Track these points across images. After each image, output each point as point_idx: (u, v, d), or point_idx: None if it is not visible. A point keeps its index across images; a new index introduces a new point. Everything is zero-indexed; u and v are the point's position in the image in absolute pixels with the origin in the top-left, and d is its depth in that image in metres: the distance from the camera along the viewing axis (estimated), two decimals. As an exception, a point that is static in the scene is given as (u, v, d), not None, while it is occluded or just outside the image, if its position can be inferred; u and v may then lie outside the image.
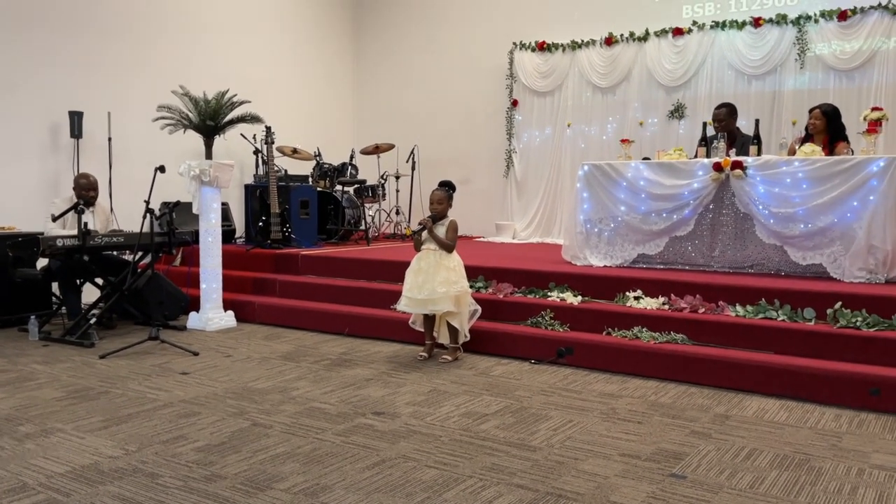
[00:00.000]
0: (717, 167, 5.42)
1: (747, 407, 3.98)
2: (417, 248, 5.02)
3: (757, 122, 5.91)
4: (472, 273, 5.66)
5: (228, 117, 6.15)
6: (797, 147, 5.61)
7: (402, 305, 5.01)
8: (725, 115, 6.15)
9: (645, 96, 8.32)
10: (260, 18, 9.12)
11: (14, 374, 4.59)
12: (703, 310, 4.86)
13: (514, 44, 9.09)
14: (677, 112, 8.09)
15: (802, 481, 2.96)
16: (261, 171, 8.19)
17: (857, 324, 4.33)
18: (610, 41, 8.46)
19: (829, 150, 5.53)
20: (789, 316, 4.59)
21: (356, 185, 8.52)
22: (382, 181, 8.84)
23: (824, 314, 4.51)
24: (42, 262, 6.01)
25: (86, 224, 5.56)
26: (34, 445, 3.32)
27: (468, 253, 6.25)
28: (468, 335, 5.03)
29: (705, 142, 5.88)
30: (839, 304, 4.48)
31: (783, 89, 7.53)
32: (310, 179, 8.36)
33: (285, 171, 8.10)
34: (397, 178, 9.22)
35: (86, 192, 5.93)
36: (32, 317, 5.69)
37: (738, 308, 4.78)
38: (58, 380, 4.46)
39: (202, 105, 6.02)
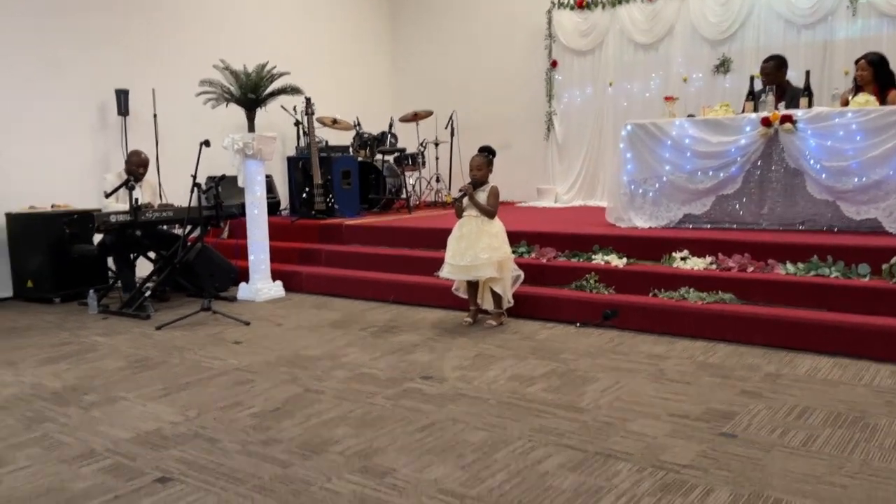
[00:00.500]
0: (766, 122, 5.27)
1: (799, 365, 3.92)
2: (459, 215, 5.03)
3: (807, 73, 5.72)
4: (515, 238, 5.65)
5: (269, 89, 6.21)
6: (850, 98, 5.41)
7: (444, 272, 5.05)
8: (773, 68, 5.95)
9: (689, 51, 8.08)
10: (296, -11, 9.11)
11: (77, 346, 4.78)
12: (751, 269, 4.78)
13: (553, 3, 8.90)
14: (723, 66, 7.85)
15: (857, 438, 2.92)
16: (302, 143, 8.26)
17: (915, 279, 4.21)
18: (651, -4, 8.22)
19: (881, 99, 5.32)
20: (843, 272, 4.48)
21: (396, 154, 8.53)
22: (422, 149, 8.83)
23: (879, 270, 4.40)
24: (97, 238, 6.20)
25: (137, 199, 5.71)
26: (100, 413, 3.47)
27: (510, 218, 6.22)
28: (512, 301, 5.05)
29: (753, 96, 5.71)
30: (895, 259, 4.36)
31: (835, 38, 7.23)
32: (350, 149, 8.40)
33: (326, 141, 8.15)
34: (436, 145, 9.19)
35: (136, 168, 6.08)
36: (91, 291, 5.90)
37: (789, 266, 4.68)
38: (118, 350, 4.63)
39: (243, 78, 6.08)
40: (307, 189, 7.50)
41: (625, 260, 5.25)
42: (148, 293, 5.67)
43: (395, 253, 6.35)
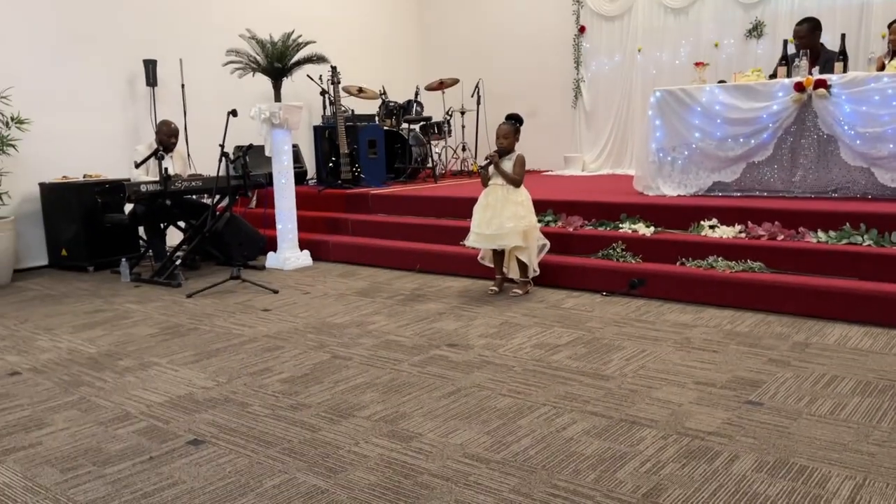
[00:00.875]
0: (799, 87, 5.15)
1: (828, 334, 3.88)
2: (485, 184, 5.02)
3: (843, 36, 5.55)
4: (541, 207, 5.63)
5: (295, 58, 6.20)
6: (886, 62, 5.26)
7: (470, 241, 5.05)
8: (807, 30, 5.78)
9: (720, 16, 7.89)
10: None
11: (111, 314, 4.89)
12: (781, 237, 4.72)
13: (581, -33, 8.74)
14: (755, 31, 7.66)
15: (886, 407, 2.90)
16: (328, 113, 8.27)
17: (950, 247, 4.12)
18: (682, -42, 8.01)
19: (921, 63, 5.16)
20: (876, 241, 4.39)
21: (422, 123, 8.50)
22: (448, 117, 8.78)
23: (914, 238, 4.31)
24: (128, 208, 6.30)
25: (166, 169, 5.78)
26: (134, 378, 3.57)
27: (536, 187, 6.20)
28: (537, 269, 5.04)
29: (786, 61, 5.57)
30: (931, 227, 4.27)
31: (871, 0, 7.00)
32: (376, 118, 8.39)
33: (352, 111, 8.14)
34: (463, 113, 9.13)
35: (167, 138, 6.14)
36: (123, 259, 6.01)
37: (820, 234, 4.61)
38: (150, 318, 4.74)
39: (269, 47, 6.08)
40: (333, 158, 7.53)
41: (652, 229, 5.21)
42: (178, 262, 5.76)
43: (421, 222, 6.37)
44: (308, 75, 7.62)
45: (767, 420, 2.81)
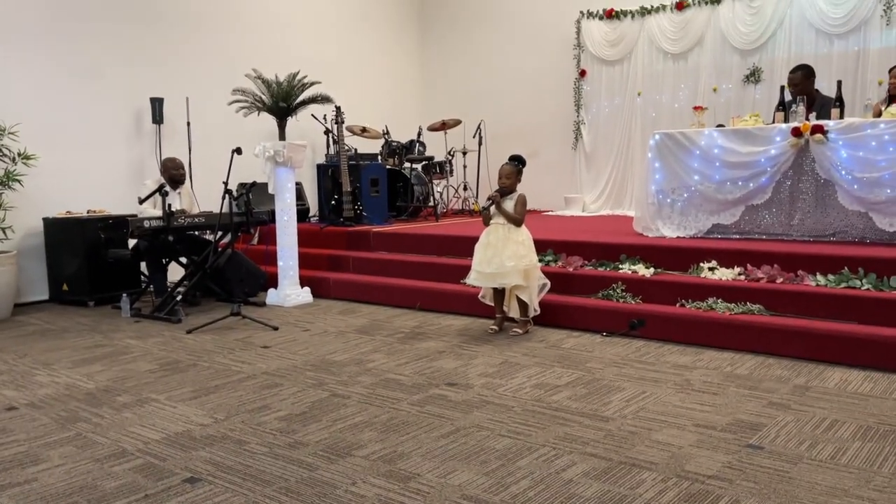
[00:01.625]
0: (796, 132, 5.22)
1: (829, 378, 3.87)
2: (486, 223, 5.06)
3: (839, 83, 5.65)
4: (542, 246, 5.66)
5: (300, 98, 6.30)
6: (882, 108, 5.34)
7: (471, 279, 5.07)
8: (801, 78, 5.89)
9: (718, 61, 8.05)
10: (327, 3, 9.24)
11: (110, 349, 4.89)
12: (781, 280, 4.73)
13: (581, 13, 8.93)
14: (753, 76, 7.80)
15: (887, 452, 2.88)
16: (332, 151, 8.37)
17: (949, 292, 4.14)
18: (681, 6, 8.20)
19: (918, 110, 5.24)
20: (874, 285, 4.41)
21: (424, 162, 8.59)
22: (450, 157, 8.88)
23: (913, 282, 4.33)
24: (132, 243, 6.34)
25: (170, 205, 5.83)
26: (131, 414, 3.55)
27: (537, 227, 6.24)
28: (538, 309, 5.05)
29: (783, 106, 5.67)
30: (929, 271, 4.29)
31: (868, 48, 7.15)
32: (379, 158, 8.48)
33: (355, 150, 8.24)
34: (465, 153, 9.24)
35: (173, 173, 6.22)
36: (124, 295, 6.03)
37: (819, 277, 4.63)
38: (150, 353, 4.73)
39: (274, 87, 6.18)
40: (336, 196, 7.59)
41: (652, 270, 5.23)
42: (179, 297, 5.78)
43: (422, 260, 6.40)
44: (312, 115, 7.74)
45: (768, 464, 2.79)
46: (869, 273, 4.49)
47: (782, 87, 5.91)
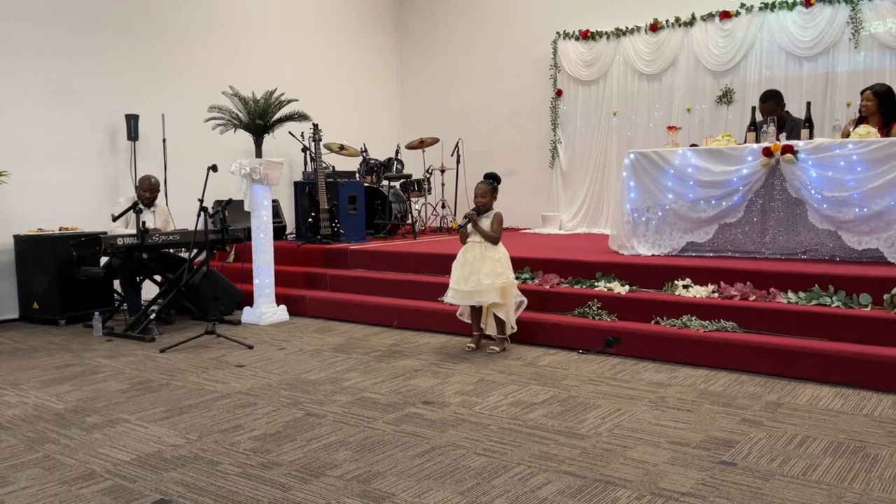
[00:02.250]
0: (767, 152, 5.32)
1: (800, 395, 3.92)
2: (463, 241, 5.07)
3: (808, 105, 5.78)
4: (519, 264, 5.69)
5: (277, 116, 6.30)
6: (851, 129, 5.46)
7: (448, 297, 5.08)
8: (773, 106, 6.03)
9: (692, 82, 8.19)
10: (304, 17, 9.27)
11: (81, 368, 4.81)
12: (753, 297, 4.79)
13: (558, 33, 9.04)
14: (725, 97, 7.94)
15: (857, 468, 2.91)
16: (309, 169, 8.35)
17: (916, 309, 4.22)
18: (655, 27, 8.35)
19: (885, 131, 5.37)
20: (844, 302, 4.49)
21: (402, 180, 8.61)
22: (428, 175, 8.91)
23: (881, 300, 4.40)
24: (104, 261, 6.26)
25: (144, 223, 5.77)
26: (101, 435, 3.49)
27: (514, 244, 6.28)
28: (515, 327, 5.07)
29: (755, 127, 5.77)
30: (897, 289, 4.37)
31: (837, 70, 7.31)
32: (357, 175, 8.49)
33: (333, 167, 8.24)
34: (442, 171, 9.27)
35: (146, 192, 6.16)
36: (96, 313, 5.94)
37: (791, 295, 4.69)
38: (121, 373, 4.66)
39: (251, 104, 6.17)
40: (313, 214, 7.57)
41: (627, 287, 5.27)
42: (153, 316, 5.71)
43: (399, 278, 6.39)
44: (290, 132, 7.73)
45: (741, 481, 2.81)
46: (839, 290, 4.57)
47: (753, 108, 6.02)
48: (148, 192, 6.19)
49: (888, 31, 7.01)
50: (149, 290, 6.50)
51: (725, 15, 7.86)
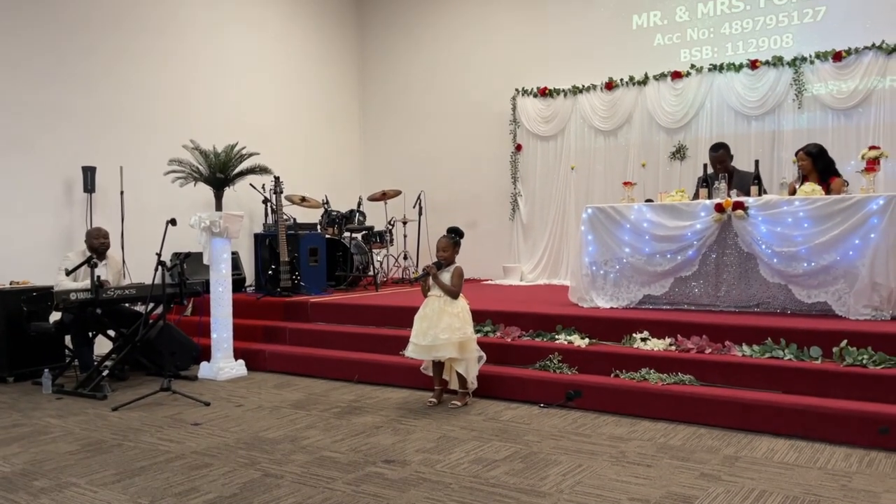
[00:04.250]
0: (719, 208, 5.49)
1: (757, 448, 3.98)
2: (425, 294, 5.09)
3: (757, 162, 6.01)
4: (480, 317, 5.71)
5: (238, 169, 6.29)
6: (797, 186, 5.69)
7: (409, 351, 5.06)
8: (724, 154, 6.29)
9: (646, 138, 8.45)
10: (266, 68, 9.37)
11: (28, 429, 4.64)
12: (709, 350, 4.89)
13: (517, 90, 9.29)
14: (678, 153, 8.21)
15: (812, 523, 2.96)
16: (270, 220, 8.33)
17: (864, 362, 4.34)
18: (610, 86, 8.63)
19: (825, 187, 5.60)
20: (796, 355, 4.60)
21: (364, 232, 8.64)
22: (390, 227, 8.96)
23: (831, 352, 4.53)
24: (55, 316, 6.10)
25: (98, 277, 5.66)
26: (49, 500, 3.36)
27: (476, 296, 6.31)
28: (475, 382, 5.06)
29: (706, 182, 5.97)
30: (845, 342, 4.50)
31: (782, 129, 7.64)
32: (318, 227, 8.49)
33: (294, 219, 8.23)
34: (405, 223, 9.33)
35: (96, 240, 6.00)
36: (46, 370, 5.76)
37: (745, 348, 4.80)
38: (71, 433, 4.51)
39: (212, 158, 6.16)
40: (273, 266, 7.52)
41: (587, 340, 5.33)
42: (105, 372, 5.56)
43: (361, 331, 6.35)
44: (251, 184, 7.72)
45: (700, 538, 2.83)
46: (790, 343, 4.69)
47: (705, 165, 6.24)
48: (102, 237, 6.04)
49: (829, 92, 7.38)
50: (102, 345, 6.34)
51: (677, 75, 8.19)
